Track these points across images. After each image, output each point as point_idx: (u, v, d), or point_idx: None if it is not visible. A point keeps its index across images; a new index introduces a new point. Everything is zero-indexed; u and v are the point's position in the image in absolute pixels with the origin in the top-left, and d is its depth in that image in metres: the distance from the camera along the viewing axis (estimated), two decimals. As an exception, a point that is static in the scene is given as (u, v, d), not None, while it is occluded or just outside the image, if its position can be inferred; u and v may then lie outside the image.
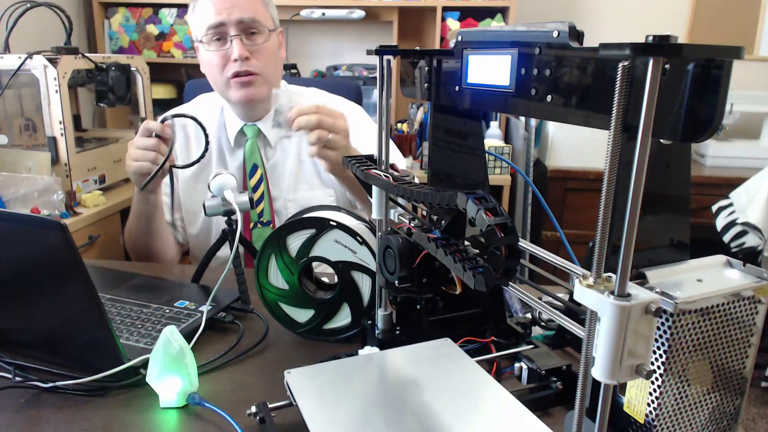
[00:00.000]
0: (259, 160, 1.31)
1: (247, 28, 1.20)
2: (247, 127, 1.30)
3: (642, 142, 0.38)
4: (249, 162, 1.30)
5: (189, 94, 1.61)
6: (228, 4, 1.18)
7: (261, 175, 1.31)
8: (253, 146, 1.30)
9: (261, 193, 1.31)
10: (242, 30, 1.19)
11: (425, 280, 0.69)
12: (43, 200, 1.44)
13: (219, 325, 0.89)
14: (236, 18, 1.18)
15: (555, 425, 0.59)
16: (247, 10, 1.19)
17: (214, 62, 1.21)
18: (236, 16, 1.18)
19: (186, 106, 1.38)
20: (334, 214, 0.85)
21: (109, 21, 2.53)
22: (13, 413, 0.69)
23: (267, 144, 1.32)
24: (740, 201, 1.90)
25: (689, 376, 0.52)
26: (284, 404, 0.65)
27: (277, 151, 1.33)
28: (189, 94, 1.61)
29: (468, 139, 0.77)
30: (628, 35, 1.28)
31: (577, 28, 0.50)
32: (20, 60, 1.48)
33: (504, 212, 0.52)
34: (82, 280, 0.70)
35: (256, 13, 1.20)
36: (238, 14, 1.18)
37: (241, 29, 1.19)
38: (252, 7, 1.20)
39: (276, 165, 1.33)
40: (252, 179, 1.31)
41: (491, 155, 2.12)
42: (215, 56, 1.21)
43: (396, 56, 0.71)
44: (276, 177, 1.32)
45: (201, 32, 1.21)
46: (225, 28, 1.19)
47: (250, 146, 1.30)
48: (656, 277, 0.52)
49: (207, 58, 1.23)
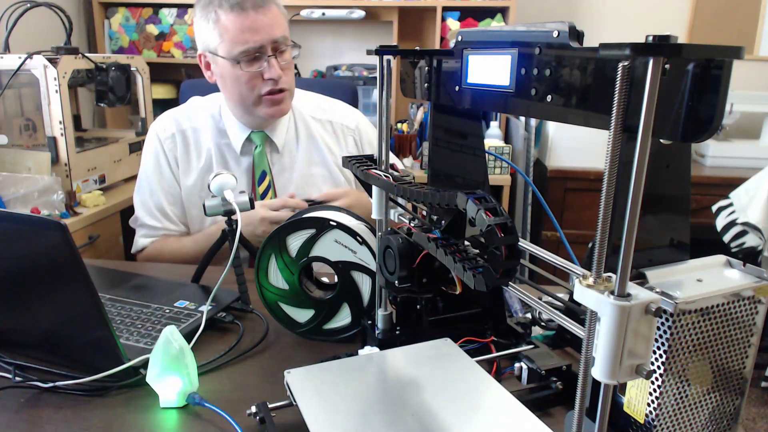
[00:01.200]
0: (267, 167, 1.30)
1: (279, 46, 1.19)
2: (254, 134, 1.29)
3: (642, 142, 0.38)
4: (258, 169, 1.30)
5: (185, 95, 1.60)
6: (265, 23, 1.16)
7: (269, 182, 1.30)
8: (262, 153, 1.29)
9: (270, 197, 1.30)
10: (275, 49, 1.19)
11: (425, 280, 0.69)
12: (43, 200, 1.44)
13: (219, 325, 0.89)
14: (273, 38, 1.17)
15: (555, 425, 0.59)
16: (279, 29, 1.18)
17: (244, 80, 1.19)
18: (273, 36, 1.17)
19: (181, 108, 1.36)
20: (334, 214, 0.85)
21: (109, 21, 2.53)
22: (13, 413, 0.69)
23: (275, 150, 1.31)
24: (740, 201, 1.90)
25: (689, 376, 0.52)
26: (284, 404, 0.65)
27: (284, 157, 1.32)
28: (185, 94, 1.61)
29: (468, 139, 0.77)
30: (628, 35, 1.28)
31: (577, 28, 0.50)
32: (20, 60, 1.48)
33: (504, 212, 0.52)
34: (82, 280, 0.70)
35: (285, 31, 1.20)
36: (275, 34, 1.17)
37: (274, 48, 1.18)
38: (282, 26, 1.20)
39: (284, 170, 1.32)
40: (261, 186, 1.30)
41: (491, 155, 2.12)
42: (246, 75, 1.18)
43: (396, 56, 0.71)
44: (283, 182, 1.32)
45: (228, 50, 1.17)
46: (262, 50, 1.17)
47: (259, 154, 1.29)
48: (656, 277, 0.52)
49: (234, 76, 1.19)
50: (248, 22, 1.15)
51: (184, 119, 1.32)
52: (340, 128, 1.37)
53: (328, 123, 1.36)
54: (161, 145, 1.30)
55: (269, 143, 1.30)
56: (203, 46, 1.22)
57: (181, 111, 1.34)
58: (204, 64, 1.25)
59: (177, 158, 1.30)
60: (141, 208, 1.32)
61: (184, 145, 1.30)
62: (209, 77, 1.26)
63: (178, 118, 1.32)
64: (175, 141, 1.30)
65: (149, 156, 1.31)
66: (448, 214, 0.65)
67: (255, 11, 1.15)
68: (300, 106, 1.36)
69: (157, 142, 1.30)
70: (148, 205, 1.31)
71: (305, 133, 1.34)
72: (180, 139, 1.30)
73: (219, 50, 1.19)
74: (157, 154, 1.30)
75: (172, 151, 1.30)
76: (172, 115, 1.33)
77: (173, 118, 1.32)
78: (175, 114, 1.33)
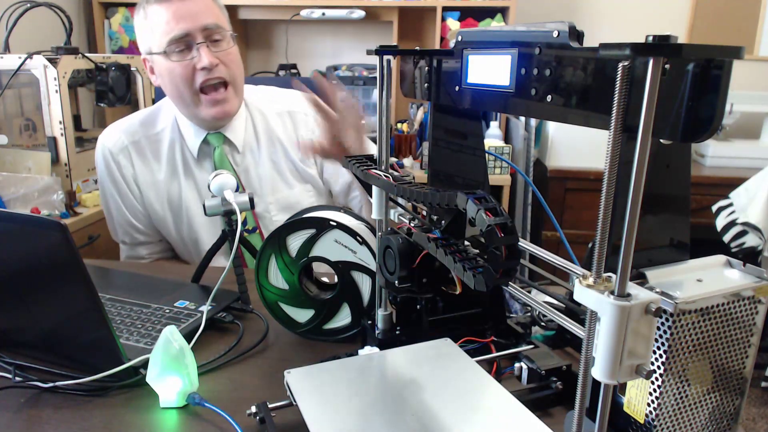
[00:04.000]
0: (229, 167, 1.26)
1: (212, 34, 1.14)
2: (211, 136, 1.24)
3: (642, 142, 0.38)
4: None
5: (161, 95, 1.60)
6: (190, 10, 1.12)
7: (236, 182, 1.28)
8: (222, 154, 1.25)
9: None
10: (207, 37, 1.13)
11: (425, 280, 0.69)
12: (43, 200, 1.44)
13: (219, 325, 0.89)
14: (201, 25, 1.12)
15: (555, 425, 0.59)
16: (209, 16, 1.13)
17: (177, 73, 1.14)
18: (201, 23, 1.12)
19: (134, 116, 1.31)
20: (334, 214, 0.85)
21: (109, 21, 2.53)
22: (13, 413, 0.69)
23: (235, 150, 1.27)
24: (740, 201, 1.90)
25: (689, 376, 0.52)
26: (284, 404, 0.65)
27: (246, 156, 1.28)
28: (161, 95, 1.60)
29: (468, 139, 0.77)
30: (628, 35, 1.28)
31: (577, 28, 0.50)
32: (20, 60, 1.49)
33: (504, 212, 0.52)
34: (82, 280, 0.70)
35: (217, 19, 1.15)
36: (203, 21, 1.12)
37: (205, 36, 1.13)
38: (213, 13, 1.15)
39: (248, 169, 1.28)
40: None
41: (491, 155, 2.12)
42: (179, 67, 1.13)
43: (396, 56, 0.71)
44: (250, 181, 1.28)
45: (159, 44, 1.13)
46: (190, 37, 1.12)
47: (219, 155, 1.25)
48: (656, 277, 0.52)
49: (168, 70, 1.14)
50: (172, 9, 1.12)
51: (136, 129, 1.27)
52: (301, 117, 1.31)
53: (286, 114, 1.31)
54: (113, 160, 1.26)
55: (228, 143, 1.26)
56: (143, 48, 1.19)
57: (130, 120, 1.29)
58: (149, 68, 1.21)
59: (134, 173, 1.27)
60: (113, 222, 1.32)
61: (139, 155, 1.27)
62: (154, 81, 1.22)
63: (128, 129, 1.27)
64: (129, 154, 1.26)
65: (103, 174, 1.27)
66: (448, 214, 0.65)
67: (180, 0, 1.12)
68: (254, 102, 1.31)
69: (110, 157, 1.26)
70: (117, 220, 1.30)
71: (264, 128, 1.29)
72: (134, 150, 1.26)
73: (153, 47, 1.15)
74: (112, 172, 1.26)
75: (128, 166, 1.26)
76: (120, 127, 1.28)
77: (122, 131, 1.27)
78: (123, 126, 1.28)
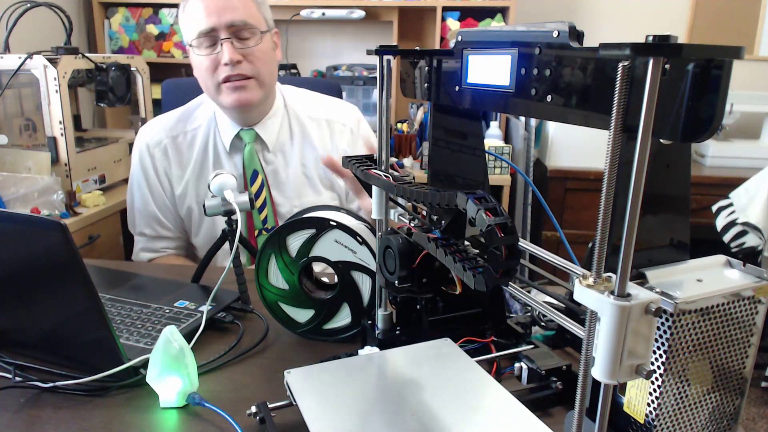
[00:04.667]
0: (258, 165, 1.28)
1: (238, 30, 1.16)
2: (243, 132, 1.27)
3: (642, 142, 0.38)
4: (249, 168, 1.28)
5: (167, 94, 1.61)
6: (218, 6, 1.15)
7: (262, 180, 1.29)
8: (252, 152, 1.28)
9: (263, 199, 1.29)
10: (233, 33, 1.16)
11: (425, 280, 0.69)
12: (43, 200, 1.44)
13: (219, 325, 0.89)
14: (227, 21, 1.15)
15: (555, 425, 0.59)
16: (238, 13, 1.16)
17: (204, 66, 1.18)
18: (227, 20, 1.15)
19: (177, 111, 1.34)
20: (334, 214, 0.85)
21: (109, 21, 2.53)
22: (13, 413, 0.69)
23: (265, 148, 1.29)
24: (740, 201, 1.90)
25: (689, 376, 0.52)
26: (284, 404, 0.65)
27: (277, 156, 1.30)
28: (167, 94, 1.61)
29: (468, 139, 0.77)
30: (628, 35, 1.28)
31: (577, 28, 0.50)
32: (20, 60, 1.48)
33: (504, 212, 0.52)
34: (82, 280, 0.70)
35: (247, 16, 1.17)
36: (229, 17, 1.15)
37: (231, 32, 1.16)
38: (244, 9, 1.17)
39: (277, 170, 1.30)
40: (253, 186, 1.28)
41: (491, 155, 2.12)
42: (205, 60, 1.18)
43: (396, 56, 0.71)
44: (278, 183, 1.30)
45: (191, 36, 1.18)
46: (215, 32, 1.16)
47: (249, 152, 1.27)
48: (656, 277, 0.52)
49: (197, 62, 1.20)
50: (205, 4, 1.15)
51: (176, 124, 1.31)
52: (339, 127, 1.34)
53: (324, 122, 1.34)
54: (149, 153, 1.30)
55: (259, 141, 1.29)
56: (184, 40, 1.24)
57: (173, 116, 1.33)
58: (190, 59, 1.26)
59: (167, 167, 1.30)
60: (135, 213, 1.33)
61: (175, 151, 1.30)
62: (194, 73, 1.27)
63: (166, 125, 1.31)
64: (165, 149, 1.29)
65: (137, 166, 1.31)
66: (448, 214, 0.65)
67: None
68: (294, 105, 1.34)
69: (146, 150, 1.30)
70: (141, 212, 1.32)
71: (299, 131, 1.32)
72: (171, 145, 1.30)
73: (187, 39, 1.20)
74: (145, 164, 1.30)
75: (162, 160, 1.30)
76: (159, 122, 1.32)
77: (161, 126, 1.31)
78: (163, 121, 1.32)
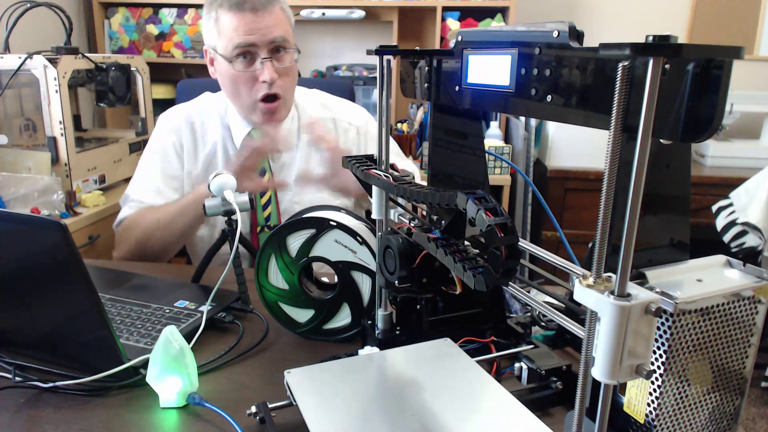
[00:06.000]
0: (267, 164, 1.30)
1: (278, 47, 1.18)
2: (255, 132, 1.29)
3: (642, 142, 0.38)
4: (258, 166, 1.28)
5: (181, 95, 1.60)
6: (260, 24, 1.15)
7: (269, 178, 1.30)
8: None
9: (269, 196, 1.30)
10: (272, 50, 1.18)
11: (425, 280, 0.69)
12: (43, 200, 1.44)
13: (219, 325, 0.89)
14: (269, 39, 1.16)
15: (555, 425, 0.59)
16: (278, 30, 1.17)
17: (240, 80, 1.19)
18: (269, 38, 1.16)
19: (192, 102, 1.37)
20: (334, 214, 0.85)
21: (109, 21, 2.53)
22: (13, 413, 0.69)
23: None
24: (740, 201, 1.90)
25: (689, 376, 0.52)
26: (284, 404, 0.65)
27: (284, 153, 1.32)
28: (181, 94, 1.61)
29: (468, 139, 0.77)
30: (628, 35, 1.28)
31: (577, 28, 0.50)
32: (20, 60, 1.48)
33: (504, 212, 0.52)
34: (82, 280, 0.70)
35: (285, 32, 1.19)
36: (271, 35, 1.16)
37: (271, 49, 1.17)
38: (283, 27, 1.18)
39: (283, 167, 1.32)
40: None
41: (491, 155, 2.12)
42: (242, 76, 1.19)
43: (396, 56, 0.71)
44: (282, 178, 1.32)
45: (225, 48, 1.18)
46: (255, 49, 1.17)
47: None
48: (656, 277, 0.52)
49: (231, 75, 1.20)
50: (244, 22, 1.15)
51: (193, 112, 1.33)
52: (344, 126, 1.36)
53: (330, 121, 1.36)
54: (169, 133, 1.31)
55: None
56: (207, 42, 1.24)
57: (190, 105, 1.36)
58: (209, 59, 1.26)
59: (183, 146, 1.31)
60: (134, 185, 1.30)
61: (191, 136, 1.31)
62: (212, 73, 1.28)
63: (187, 111, 1.33)
64: (182, 132, 1.31)
65: (155, 143, 1.32)
66: (448, 214, 0.65)
67: (254, 13, 1.15)
68: (304, 103, 1.36)
69: (166, 130, 1.31)
70: (142, 183, 1.29)
71: None
72: (188, 130, 1.31)
73: (218, 48, 1.20)
74: (164, 142, 1.31)
75: (180, 139, 1.31)
76: (182, 107, 1.35)
77: (183, 111, 1.34)
78: (185, 107, 1.35)
